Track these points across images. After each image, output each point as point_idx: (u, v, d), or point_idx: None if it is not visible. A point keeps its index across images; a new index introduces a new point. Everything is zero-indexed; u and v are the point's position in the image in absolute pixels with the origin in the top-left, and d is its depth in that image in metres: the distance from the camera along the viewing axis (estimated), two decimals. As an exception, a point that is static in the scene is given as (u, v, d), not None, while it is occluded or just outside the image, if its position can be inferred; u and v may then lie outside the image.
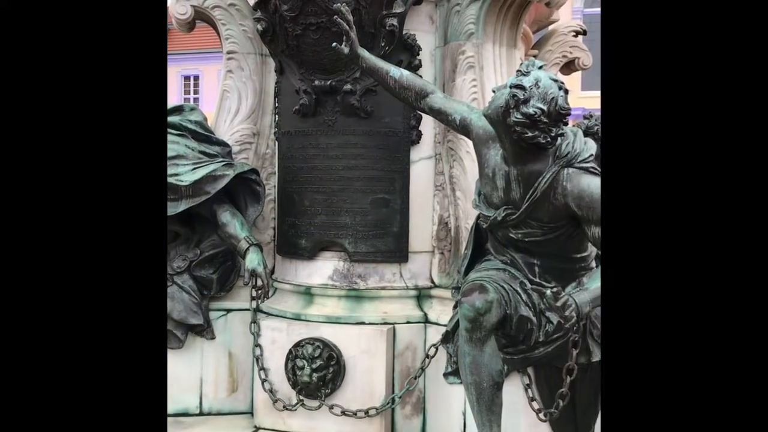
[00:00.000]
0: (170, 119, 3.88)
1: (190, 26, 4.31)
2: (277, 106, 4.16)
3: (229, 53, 4.20)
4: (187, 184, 3.72)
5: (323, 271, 3.92)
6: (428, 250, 3.92)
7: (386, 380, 3.65)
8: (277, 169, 4.18)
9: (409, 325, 3.77)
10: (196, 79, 27.22)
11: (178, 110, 4.06)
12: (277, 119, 4.16)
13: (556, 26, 5.05)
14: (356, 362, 3.66)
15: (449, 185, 3.79)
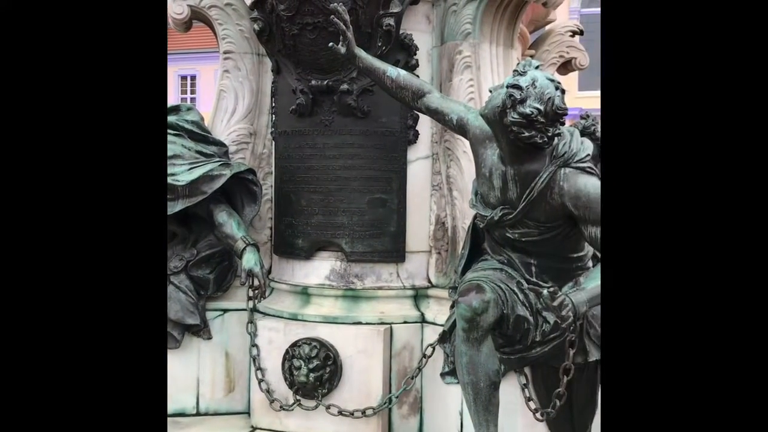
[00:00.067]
0: (167, 119, 3.87)
1: (186, 26, 4.30)
2: (273, 105, 4.15)
3: (225, 53, 4.19)
4: (183, 183, 3.72)
5: (320, 271, 3.91)
6: (425, 250, 3.92)
7: (383, 380, 3.65)
8: (274, 168, 4.18)
9: (406, 325, 3.77)
10: (193, 78, 27.15)
11: (174, 110, 4.06)
12: (274, 119, 4.16)
13: (553, 26, 5.05)
14: (353, 362, 3.66)
15: (446, 185, 3.79)
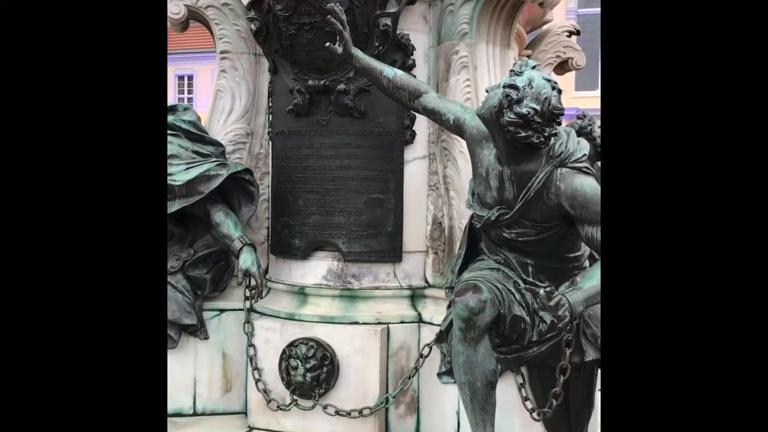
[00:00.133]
0: None
1: (183, 26, 4.30)
2: (270, 105, 4.15)
3: (222, 53, 4.19)
4: (180, 183, 3.72)
5: (317, 270, 3.91)
6: (422, 249, 3.92)
7: (380, 380, 3.65)
8: (270, 168, 4.18)
9: (403, 324, 3.77)
10: (190, 78, 27.13)
11: (171, 110, 4.06)
12: (270, 119, 4.16)
13: (549, 26, 5.05)
14: (350, 362, 3.66)
15: (443, 185, 3.79)
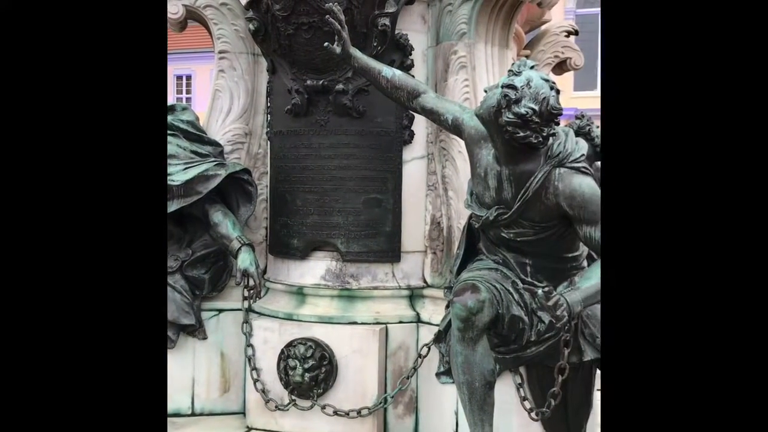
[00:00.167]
0: None
1: (181, 26, 4.30)
2: (269, 105, 4.15)
3: (221, 53, 4.19)
4: (178, 183, 3.72)
5: (315, 270, 3.91)
6: (421, 249, 3.92)
7: (378, 380, 3.65)
8: (269, 168, 4.18)
9: (401, 324, 3.77)
10: (188, 78, 27.09)
11: (170, 110, 4.05)
12: (269, 119, 4.16)
13: (548, 26, 5.05)
14: (348, 362, 3.66)
15: (441, 185, 3.79)
